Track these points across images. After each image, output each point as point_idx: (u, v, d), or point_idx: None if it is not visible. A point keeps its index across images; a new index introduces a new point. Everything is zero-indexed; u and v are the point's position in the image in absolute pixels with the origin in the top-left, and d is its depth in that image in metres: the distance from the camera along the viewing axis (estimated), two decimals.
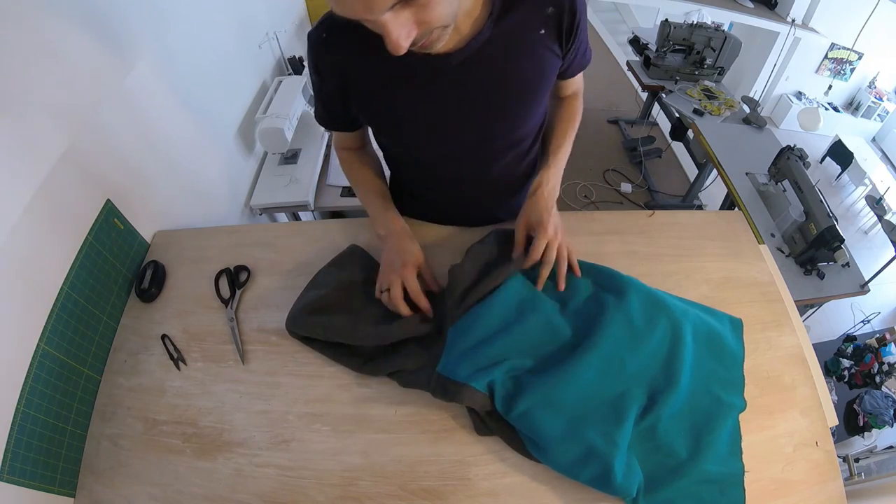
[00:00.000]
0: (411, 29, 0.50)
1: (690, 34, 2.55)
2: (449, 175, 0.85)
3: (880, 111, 4.79)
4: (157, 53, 1.02)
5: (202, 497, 0.65)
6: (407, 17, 0.49)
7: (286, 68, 1.82)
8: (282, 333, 0.80)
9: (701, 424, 0.67)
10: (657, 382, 0.69)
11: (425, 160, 0.84)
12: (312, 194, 1.49)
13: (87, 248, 0.78)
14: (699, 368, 0.72)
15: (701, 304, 0.82)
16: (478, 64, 0.67)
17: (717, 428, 0.67)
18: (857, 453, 2.15)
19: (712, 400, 0.70)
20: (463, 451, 0.67)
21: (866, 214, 3.90)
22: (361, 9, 0.46)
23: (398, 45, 0.50)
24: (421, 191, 0.92)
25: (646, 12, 4.57)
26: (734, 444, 0.68)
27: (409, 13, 0.49)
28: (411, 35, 0.50)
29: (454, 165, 0.82)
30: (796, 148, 1.91)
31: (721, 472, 0.65)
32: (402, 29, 0.49)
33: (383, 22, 0.48)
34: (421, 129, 0.76)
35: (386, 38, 0.49)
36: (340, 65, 0.70)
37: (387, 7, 0.46)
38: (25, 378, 0.64)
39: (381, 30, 0.49)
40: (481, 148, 0.79)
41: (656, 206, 2.74)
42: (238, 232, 0.98)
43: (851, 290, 1.77)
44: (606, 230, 0.94)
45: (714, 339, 0.75)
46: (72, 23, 0.77)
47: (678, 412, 0.68)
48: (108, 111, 0.85)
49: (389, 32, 0.48)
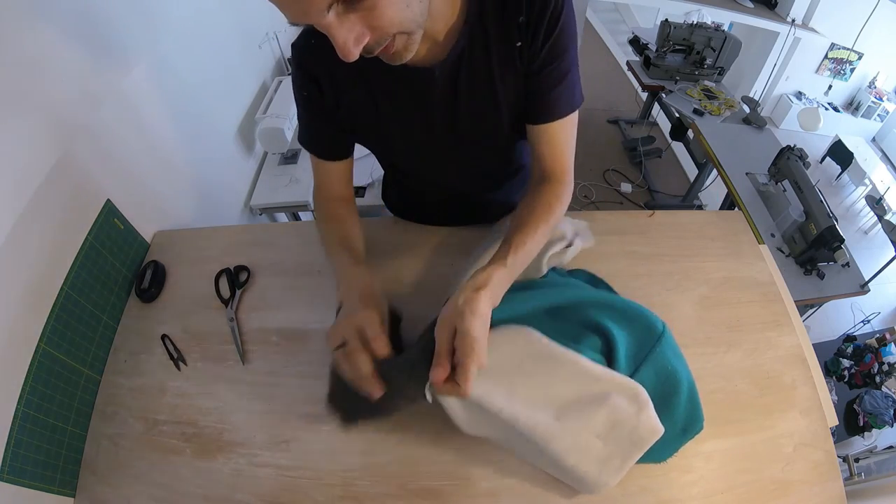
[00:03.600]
0: (361, 34, 0.48)
1: (690, 34, 2.55)
2: (436, 178, 0.84)
3: (880, 111, 4.79)
4: (157, 54, 1.02)
5: (202, 497, 0.65)
6: (354, 21, 0.47)
7: (286, 68, 1.82)
8: (282, 333, 0.80)
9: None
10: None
11: (413, 169, 0.84)
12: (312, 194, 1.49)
13: (87, 248, 0.78)
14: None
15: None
16: (459, 76, 0.65)
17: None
18: (857, 453, 2.15)
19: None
20: (463, 451, 0.67)
21: (866, 214, 3.90)
22: (298, 12, 0.45)
23: (345, 50, 0.48)
24: (409, 186, 0.92)
25: (646, 12, 4.57)
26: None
27: (357, 17, 0.47)
28: (361, 41, 0.48)
29: (441, 171, 0.82)
30: (796, 148, 1.91)
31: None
32: (350, 34, 0.47)
33: (326, 25, 0.46)
34: (408, 143, 0.75)
35: (333, 42, 0.47)
36: (330, 71, 0.67)
37: (322, 10, 0.44)
38: (25, 378, 0.64)
39: (329, 35, 0.47)
40: (469, 156, 0.78)
41: (656, 206, 2.74)
42: (238, 232, 0.98)
43: (851, 290, 1.77)
44: (606, 230, 0.94)
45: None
46: (71, 22, 0.77)
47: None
48: (107, 111, 0.85)
49: (335, 37, 0.47)
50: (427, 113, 0.70)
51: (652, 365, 0.68)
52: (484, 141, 0.75)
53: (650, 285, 0.86)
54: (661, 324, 0.72)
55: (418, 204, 0.94)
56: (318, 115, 0.73)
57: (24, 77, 0.68)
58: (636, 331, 0.71)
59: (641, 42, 2.95)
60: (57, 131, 0.74)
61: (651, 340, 0.70)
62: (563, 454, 0.60)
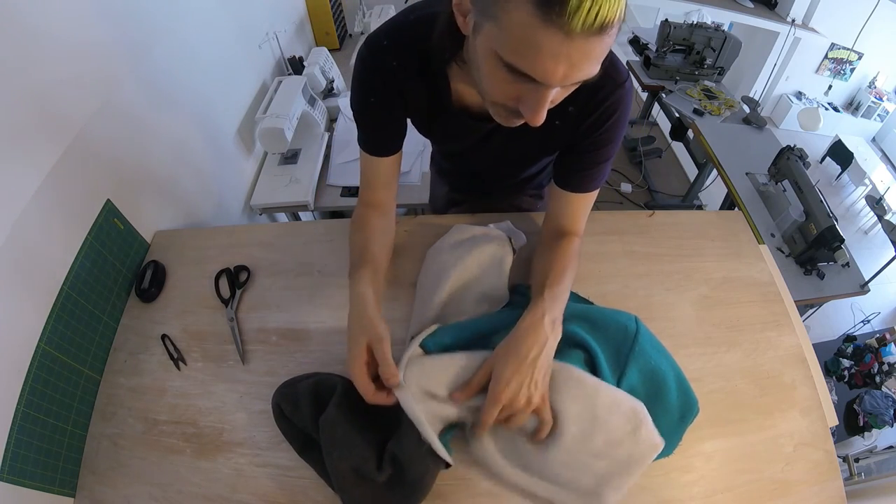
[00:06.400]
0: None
1: (690, 34, 2.55)
2: (471, 166, 0.94)
3: (880, 111, 4.79)
4: (156, 54, 1.02)
5: (202, 497, 0.65)
6: (555, 95, 0.48)
7: (286, 68, 1.81)
8: (282, 333, 0.80)
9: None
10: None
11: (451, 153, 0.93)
12: (312, 194, 1.49)
13: (87, 248, 0.78)
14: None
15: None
16: (500, 132, 0.69)
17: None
18: (857, 453, 2.16)
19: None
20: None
21: (866, 214, 3.90)
22: (560, 74, 0.44)
23: (541, 119, 0.49)
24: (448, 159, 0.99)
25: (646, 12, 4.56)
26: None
27: (558, 93, 0.48)
28: None
29: (475, 163, 0.89)
30: (796, 148, 1.91)
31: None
32: (548, 106, 0.49)
33: (548, 94, 0.47)
34: (448, 148, 0.87)
35: (534, 108, 0.48)
36: (400, 73, 0.64)
37: (572, 82, 0.45)
38: (25, 378, 0.64)
39: (536, 100, 0.47)
40: (501, 172, 0.91)
41: (656, 206, 2.74)
42: (238, 232, 0.98)
43: (851, 290, 1.77)
44: (606, 230, 0.94)
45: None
46: (69, 23, 0.77)
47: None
48: (107, 111, 0.85)
49: (544, 104, 0.48)
50: (466, 145, 0.76)
51: (635, 365, 0.68)
52: (515, 167, 0.88)
53: (650, 285, 0.86)
54: (634, 320, 0.72)
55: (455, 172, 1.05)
56: (386, 107, 0.69)
57: (23, 78, 0.68)
58: (611, 337, 0.71)
59: (641, 42, 2.94)
60: (56, 132, 0.74)
61: (628, 342, 0.70)
62: (560, 467, 0.60)
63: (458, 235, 0.85)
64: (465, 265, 0.78)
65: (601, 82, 0.57)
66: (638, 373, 0.68)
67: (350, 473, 0.58)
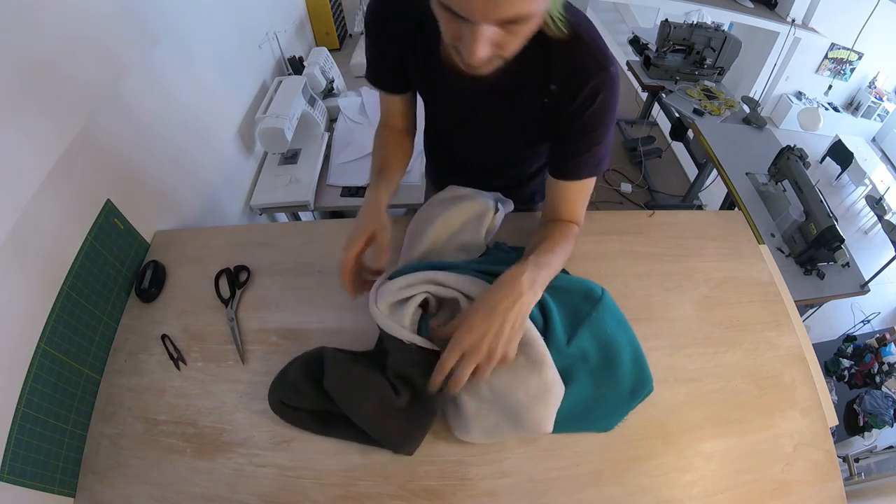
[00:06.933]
0: (489, 48, 0.50)
1: (690, 34, 2.55)
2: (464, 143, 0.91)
3: (880, 111, 4.79)
4: (156, 54, 1.02)
5: (202, 497, 0.65)
6: (494, 36, 0.48)
7: (286, 68, 1.81)
8: (282, 333, 0.80)
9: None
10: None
11: (446, 129, 0.91)
12: (312, 194, 1.49)
13: (87, 248, 0.78)
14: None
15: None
16: (491, 97, 0.70)
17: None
18: (857, 453, 2.15)
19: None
20: (463, 451, 0.67)
21: (866, 214, 3.90)
22: (480, 8, 0.45)
23: (477, 58, 0.49)
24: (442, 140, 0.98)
25: (646, 12, 4.57)
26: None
27: (498, 34, 0.49)
28: (488, 54, 0.50)
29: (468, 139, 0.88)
30: (796, 148, 1.91)
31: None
32: (486, 45, 0.49)
33: (478, 31, 0.47)
34: (443, 118, 0.86)
35: (469, 46, 0.49)
36: (404, 24, 0.68)
37: (500, 18, 0.46)
38: (25, 378, 0.64)
39: (469, 37, 0.48)
40: (493, 162, 0.90)
41: (656, 206, 2.74)
42: (238, 232, 0.98)
43: (851, 290, 1.77)
44: (606, 230, 0.94)
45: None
46: (69, 25, 0.77)
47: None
48: (107, 111, 0.85)
49: (476, 42, 0.48)
50: (460, 108, 0.77)
51: (589, 330, 0.70)
52: (502, 141, 0.82)
53: (650, 285, 0.86)
54: (600, 290, 0.74)
55: (447, 160, 1.02)
56: (387, 50, 0.74)
57: (22, 80, 0.68)
58: (572, 299, 0.73)
59: (641, 42, 2.94)
60: (56, 132, 0.74)
61: (587, 306, 0.72)
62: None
63: (448, 194, 0.89)
64: (449, 216, 0.83)
65: (585, 61, 0.60)
66: (591, 338, 0.70)
67: (375, 412, 0.63)
